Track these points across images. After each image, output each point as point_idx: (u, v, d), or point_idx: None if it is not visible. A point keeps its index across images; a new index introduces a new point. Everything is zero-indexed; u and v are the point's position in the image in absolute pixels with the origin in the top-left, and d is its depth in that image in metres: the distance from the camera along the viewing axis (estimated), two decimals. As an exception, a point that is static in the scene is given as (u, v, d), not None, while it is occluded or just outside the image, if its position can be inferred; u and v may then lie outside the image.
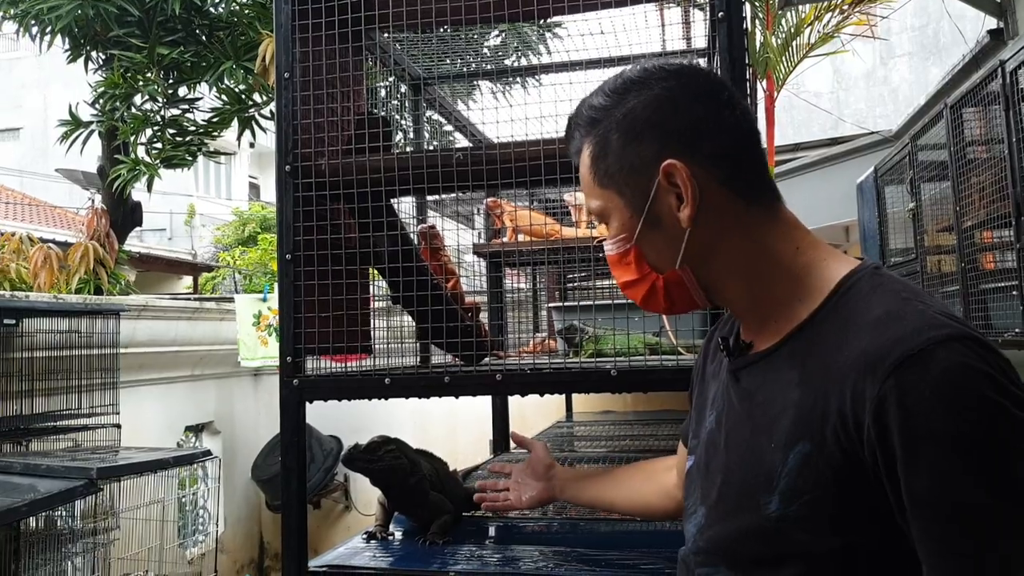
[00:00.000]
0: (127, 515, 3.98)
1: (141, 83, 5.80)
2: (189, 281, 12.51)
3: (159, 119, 5.96)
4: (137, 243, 11.14)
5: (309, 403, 1.90)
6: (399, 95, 2.84)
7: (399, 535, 2.18)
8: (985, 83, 2.80)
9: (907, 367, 0.72)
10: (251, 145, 6.58)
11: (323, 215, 1.93)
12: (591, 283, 4.01)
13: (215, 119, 6.05)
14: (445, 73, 2.76)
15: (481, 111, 2.30)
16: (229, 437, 6.44)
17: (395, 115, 2.83)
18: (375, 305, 2.23)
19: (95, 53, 6.11)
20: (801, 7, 5.75)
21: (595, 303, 2.11)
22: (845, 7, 5.91)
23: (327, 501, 6.88)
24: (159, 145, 5.97)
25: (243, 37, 5.80)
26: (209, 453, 4.19)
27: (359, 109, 2.15)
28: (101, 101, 5.90)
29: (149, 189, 5.93)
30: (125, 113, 5.81)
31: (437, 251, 2.39)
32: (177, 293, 11.14)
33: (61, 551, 3.69)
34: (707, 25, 1.95)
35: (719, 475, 0.92)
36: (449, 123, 3.10)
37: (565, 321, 2.24)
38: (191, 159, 6.17)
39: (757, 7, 5.56)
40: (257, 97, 5.96)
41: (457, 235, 2.45)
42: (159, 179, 5.97)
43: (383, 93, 2.81)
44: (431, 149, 2.15)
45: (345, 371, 2.10)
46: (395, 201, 2.13)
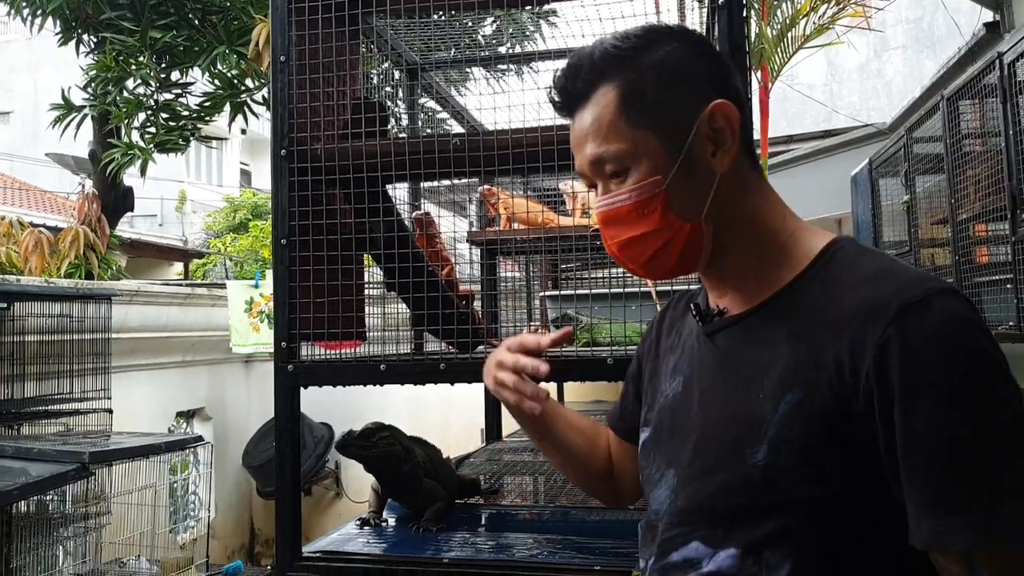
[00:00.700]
0: (119, 500, 3.97)
1: (133, 67, 5.74)
2: (180, 267, 12.43)
3: (152, 103, 5.91)
4: (128, 229, 11.05)
5: (304, 388, 1.89)
6: (393, 82, 2.82)
7: (392, 522, 2.18)
8: (983, 75, 2.80)
9: (908, 314, 0.77)
10: (243, 131, 6.54)
11: (319, 200, 1.92)
12: (587, 272, 4.01)
13: (207, 104, 6.01)
14: (441, 60, 2.74)
15: (479, 95, 2.28)
16: (220, 423, 6.43)
17: (389, 102, 2.81)
18: (369, 292, 2.22)
19: (86, 36, 6.04)
20: (797, -2, 5.73)
21: (591, 292, 2.11)
22: (841, -2, 5.90)
23: (318, 488, 6.89)
24: (152, 129, 5.93)
25: (236, 21, 5.75)
26: (201, 439, 4.18)
27: (355, 94, 2.13)
28: (93, 85, 5.85)
29: (143, 173, 5.88)
30: (117, 97, 5.76)
31: (432, 238, 2.38)
32: (168, 280, 11.08)
33: (52, 535, 3.68)
34: (704, 12, 1.94)
35: (694, 433, 0.92)
36: (445, 110, 3.08)
37: (561, 309, 2.24)
38: (184, 144, 6.13)
39: (753, -3, 5.53)
40: (250, 82, 5.92)
41: (453, 223, 2.44)
42: (153, 163, 5.93)
43: (376, 80, 2.79)
44: (427, 135, 2.13)
45: (340, 357, 2.09)
46: (390, 187, 2.12)
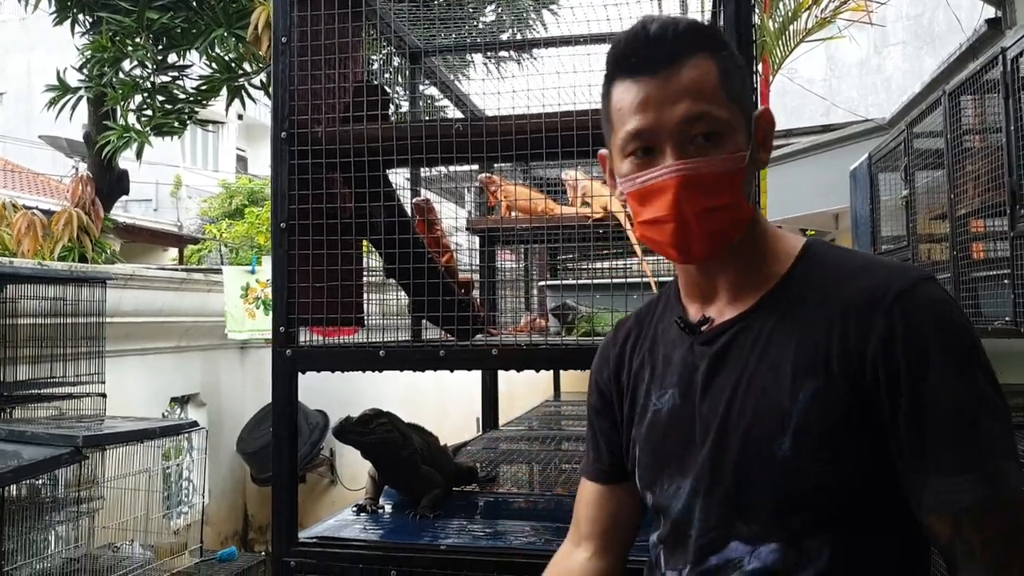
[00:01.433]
0: (112, 484, 3.96)
1: (130, 48, 5.68)
2: (175, 253, 12.37)
3: (148, 85, 5.85)
4: (122, 213, 11.00)
5: (302, 374, 1.88)
6: (394, 68, 2.80)
7: (389, 508, 2.18)
8: (985, 71, 2.79)
9: (904, 298, 0.88)
10: (239, 116, 6.49)
11: (318, 184, 1.90)
12: (587, 263, 4.00)
13: (204, 87, 5.95)
14: (443, 45, 2.72)
15: (482, 80, 2.27)
16: (215, 409, 6.41)
17: (390, 88, 2.78)
18: (368, 278, 2.20)
19: (82, 16, 5.98)
20: (799, -9, 5.72)
21: (592, 282, 2.11)
22: (843, -7, 5.88)
23: (313, 475, 6.88)
24: (149, 112, 5.87)
25: (235, 4, 5.68)
26: (196, 424, 4.16)
27: (356, 77, 2.11)
28: (88, 66, 5.79)
29: (139, 157, 5.84)
30: (113, 79, 5.70)
31: (432, 225, 2.36)
32: (163, 265, 11.04)
33: (45, 519, 3.67)
34: (705, 2, 1.92)
35: (710, 437, 0.95)
36: (446, 97, 3.06)
37: (562, 298, 2.23)
38: (181, 127, 6.08)
39: (756, -11, 5.51)
40: (247, 66, 5.86)
41: (455, 212, 2.42)
42: (149, 147, 5.89)
43: (377, 65, 2.77)
44: (429, 119, 2.12)
45: (339, 343, 2.08)
46: (391, 172, 2.10)
